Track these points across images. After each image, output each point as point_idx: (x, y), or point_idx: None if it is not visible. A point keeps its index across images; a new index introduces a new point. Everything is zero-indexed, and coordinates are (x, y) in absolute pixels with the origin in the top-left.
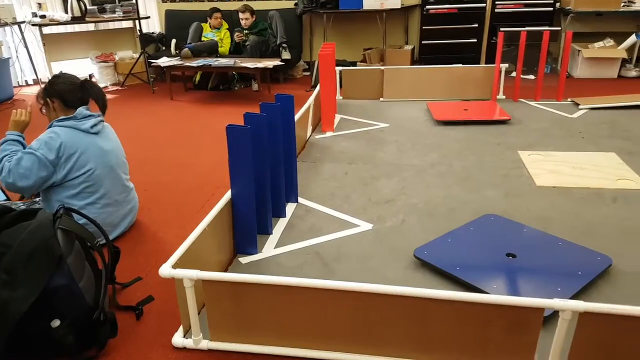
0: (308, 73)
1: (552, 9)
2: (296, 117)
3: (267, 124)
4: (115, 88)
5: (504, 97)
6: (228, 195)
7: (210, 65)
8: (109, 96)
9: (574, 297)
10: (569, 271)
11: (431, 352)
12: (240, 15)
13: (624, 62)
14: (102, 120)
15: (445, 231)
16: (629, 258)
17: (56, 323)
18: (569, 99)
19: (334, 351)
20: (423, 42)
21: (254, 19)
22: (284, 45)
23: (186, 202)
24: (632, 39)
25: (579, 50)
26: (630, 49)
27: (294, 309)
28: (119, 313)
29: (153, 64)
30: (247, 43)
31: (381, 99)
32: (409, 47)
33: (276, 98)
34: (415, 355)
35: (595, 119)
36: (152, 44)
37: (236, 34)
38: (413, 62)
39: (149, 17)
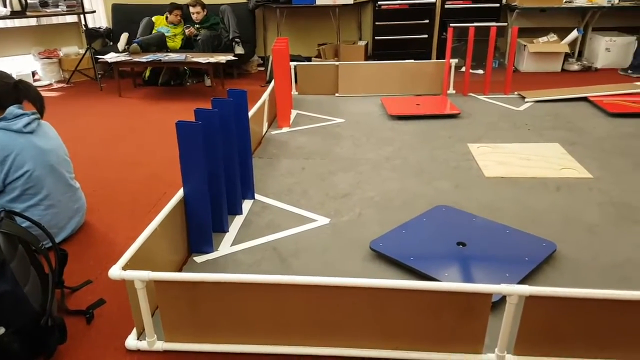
0: (263, 68)
1: (499, 5)
2: (250, 112)
3: (220, 120)
4: (60, 85)
5: (454, 91)
6: (180, 193)
7: (160, 60)
8: (53, 94)
9: (521, 282)
10: (516, 258)
11: (388, 341)
12: (191, 9)
13: (567, 56)
14: (38, 118)
15: (400, 223)
16: (572, 243)
17: (0, 331)
18: (516, 93)
19: (293, 345)
20: (376, 37)
21: (205, 13)
22: (236, 39)
23: (137, 201)
24: (574, 34)
25: (524, 45)
26: (572, 44)
27: (250, 306)
28: (69, 318)
29: (100, 60)
30: (198, 38)
31: (336, 95)
32: (362, 43)
33: (228, 93)
34: (373, 344)
35: (540, 112)
36: (98, 39)
37: (187, 28)
38: (367, 58)
39: (94, 12)
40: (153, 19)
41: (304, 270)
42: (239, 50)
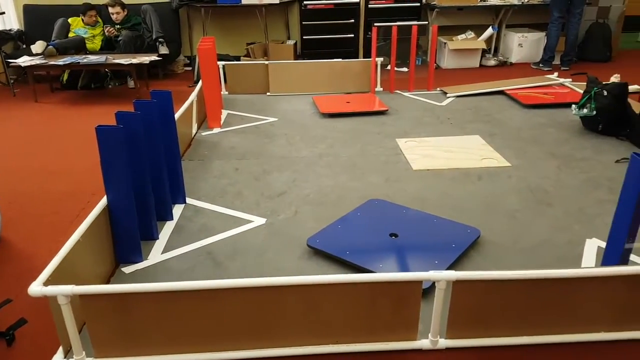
0: (189, 68)
1: (419, 4)
2: (177, 114)
3: (143, 123)
4: None
5: (381, 89)
6: (104, 201)
7: (78, 63)
8: None
9: (449, 268)
10: (444, 245)
11: (327, 336)
12: (110, 9)
13: (484, 52)
14: None
15: (336, 218)
16: (494, 228)
17: None
18: (438, 89)
19: (232, 350)
20: (304, 37)
21: (125, 13)
22: (160, 39)
23: (58, 213)
24: (489, 31)
25: (445, 43)
26: (488, 40)
27: (184, 314)
28: None
29: (12, 64)
30: (119, 38)
31: (268, 94)
32: (291, 42)
33: (152, 95)
34: (313, 341)
35: (461, 106)
36: (9, 42)
37: (107, 28)
38: (297, 57)
39: (3, 13)
40: (69, 20)
41: (240, 272)
42: (164, 50)
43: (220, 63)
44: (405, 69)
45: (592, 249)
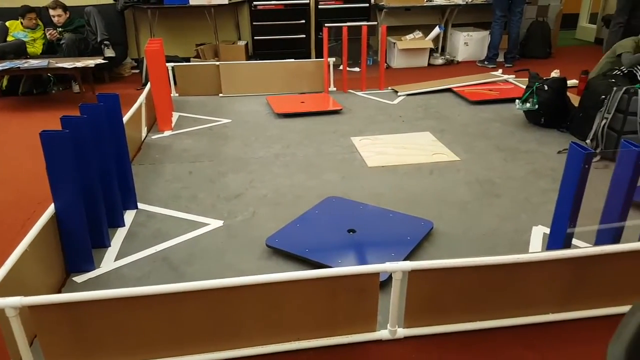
0: (137, 71)
1: (368, 5)
2: (126, 117)
3: (90, 127)
4: None
5: (335, 89)
6: (51, 209)
7: (18, 67)
8: None
9: (406, 260)
10: (400, 238)
11: (288, 333)
12: (51, 12)
13: (432, 51)
14: None
15: (294, 217)
16: (446, 220)
17: None
18: (390, 88)
19: (192, 355)
20: (255, 37)
21: (67, 15)
22: (105, 42)
23: (3, 223)
24: (436, 30)
25: (394, 43)
26: (435, 40)
27: (141, 321)
28: None
29: None
30: (62, 42)
31: (220, 95)
32: (242, 43)
33: (98, 98)
34: (275, 340)
35: (411, 104)
36: None
37: (49, 31)
38: (249, 58)
39: None
40: (7, 23)
41: (198, 277)
42: (109, 53)
43: (169, 65)
44: (357, 69)
45: (538, 236)
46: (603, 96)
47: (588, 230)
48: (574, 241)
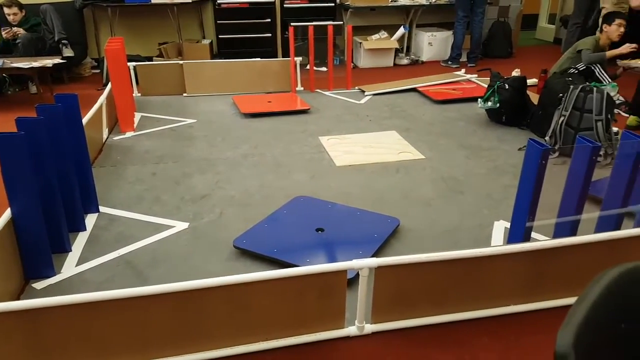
0: (98, 70)
1: (333, 4)
2: (85, 118)
3: (47, 129)
4: None
5: (302, 88)
6: (8, 214)
7: None
8: None
9: (373, 257)
10: (367, 235)
11: (256, 333)
12: (6, 10)
13: (397, 51)
14: None
15: (263, 218)
16: (412, 217)
17: None
18: (357, 87)
19: (159, 358)
20: (220, 36)
21: (23, 13)
22: (63, 41)
23: None
24: (401, 30)
25: (360, 43)
26: (400, 40)
27: (105, 326)
28: None
29: None
30: (18, 41)
31: (184, 95)
32: (207, 42)
33: (56, 99)
34: (242, 340)
35: (378, 103)
36: None
37: (5, 30)
38: (213, 57)
39: None
40: None
41: (163, 280)
42: (68, 52)
43: (131, 64)
44: (324, 69)
45: (500, 230)
46: (561, 94)
47: (546, 223)
48: (533, 234)
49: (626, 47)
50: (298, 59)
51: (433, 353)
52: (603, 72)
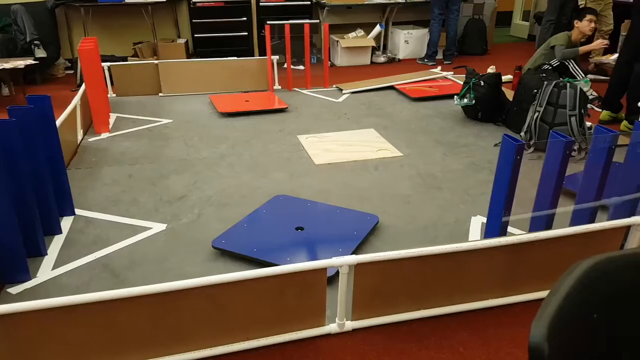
0: (72, 71)
1: (310, 2)
2: (59, 120)
3: (20, 131)
4: None
5: (279, 87)
6: None
7: None
8: None
9: (353, 254)
10: (347, 233)
11: (237, 333)
12: None
13: (374, 49)
14: None
15: (242, 218)
16: (391, 214)
17: None
18: (334, 86)
19: None
20: (196, 35)
21: None
22: (35, 42)
23: None
24: (377, 28)
25: (337, 41)
26: (377, 38)
27: (79, 330)
28: None
29: None
30: None
31: (160, 94)
32: (182, 41)
33: (28, 100)
34: (223, 340)
35: (356, 102)
36: None
37: None
38: (189, 56)
39: None
40: None
41: (141, 282)
42: (40, 53)
43: (105, 64)
44: (301, 67)
45: (477, 225)
46: (535, 90)
47: (522, 218)
48: (510, 229)
49: (598, 43)
50: (275, 58)
51: (413, 348)
52: (577, 67)
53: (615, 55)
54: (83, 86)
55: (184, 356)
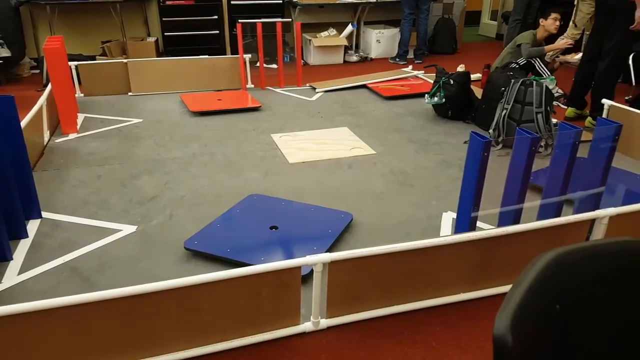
0: (37, 71)
1: (281, 1)
2: (24, 121)
3: None
4: None
5: (252, 85)
6: None
7: None
8: None
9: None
10: (321, 231)
11: (211, 335)
12: None
13: (347, 48)
14: None
15: (215, 218)
16: (365, 211)
17: None
18: (308, 85)
19: None
20: (166, 34)
21: None
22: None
23: None
24: (349, 28)
25: (310, 40)
26: (349, 37)
27: (47, 336)
28: None
29: None
30: None
31: (130, 94)
32: (152, 39)
33: None
34: (197, 342)
35: (329, 100)
36: None
37: None
38: (159, 54)
39: None
40: None
41: (111, 286)
42: (4, 53)
43: (73, 63)
44: (274, 66)
45: (448, 221)
46: (503, 88)
47: (491, 213)
48: (479, 224)
49: (563, 43)
50: (247, 56)
51: (387, 344)
52: (543, 65)
53: (580, 55)
54: (49, 86)
55: (157, 359)
